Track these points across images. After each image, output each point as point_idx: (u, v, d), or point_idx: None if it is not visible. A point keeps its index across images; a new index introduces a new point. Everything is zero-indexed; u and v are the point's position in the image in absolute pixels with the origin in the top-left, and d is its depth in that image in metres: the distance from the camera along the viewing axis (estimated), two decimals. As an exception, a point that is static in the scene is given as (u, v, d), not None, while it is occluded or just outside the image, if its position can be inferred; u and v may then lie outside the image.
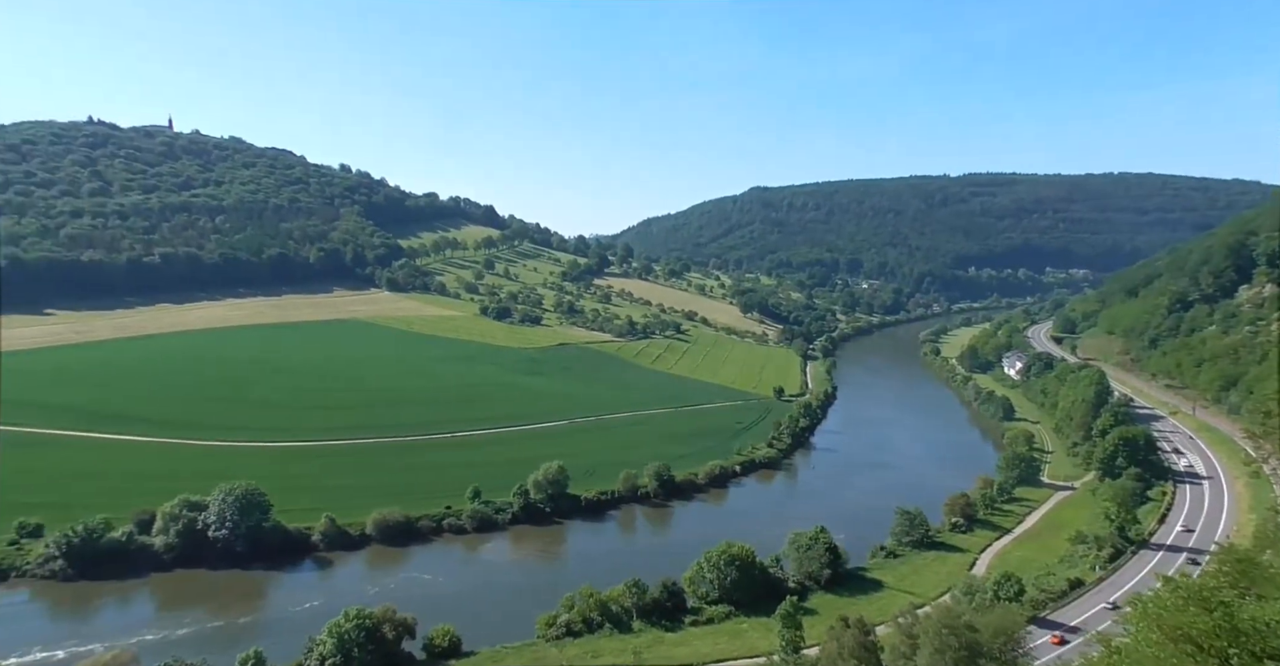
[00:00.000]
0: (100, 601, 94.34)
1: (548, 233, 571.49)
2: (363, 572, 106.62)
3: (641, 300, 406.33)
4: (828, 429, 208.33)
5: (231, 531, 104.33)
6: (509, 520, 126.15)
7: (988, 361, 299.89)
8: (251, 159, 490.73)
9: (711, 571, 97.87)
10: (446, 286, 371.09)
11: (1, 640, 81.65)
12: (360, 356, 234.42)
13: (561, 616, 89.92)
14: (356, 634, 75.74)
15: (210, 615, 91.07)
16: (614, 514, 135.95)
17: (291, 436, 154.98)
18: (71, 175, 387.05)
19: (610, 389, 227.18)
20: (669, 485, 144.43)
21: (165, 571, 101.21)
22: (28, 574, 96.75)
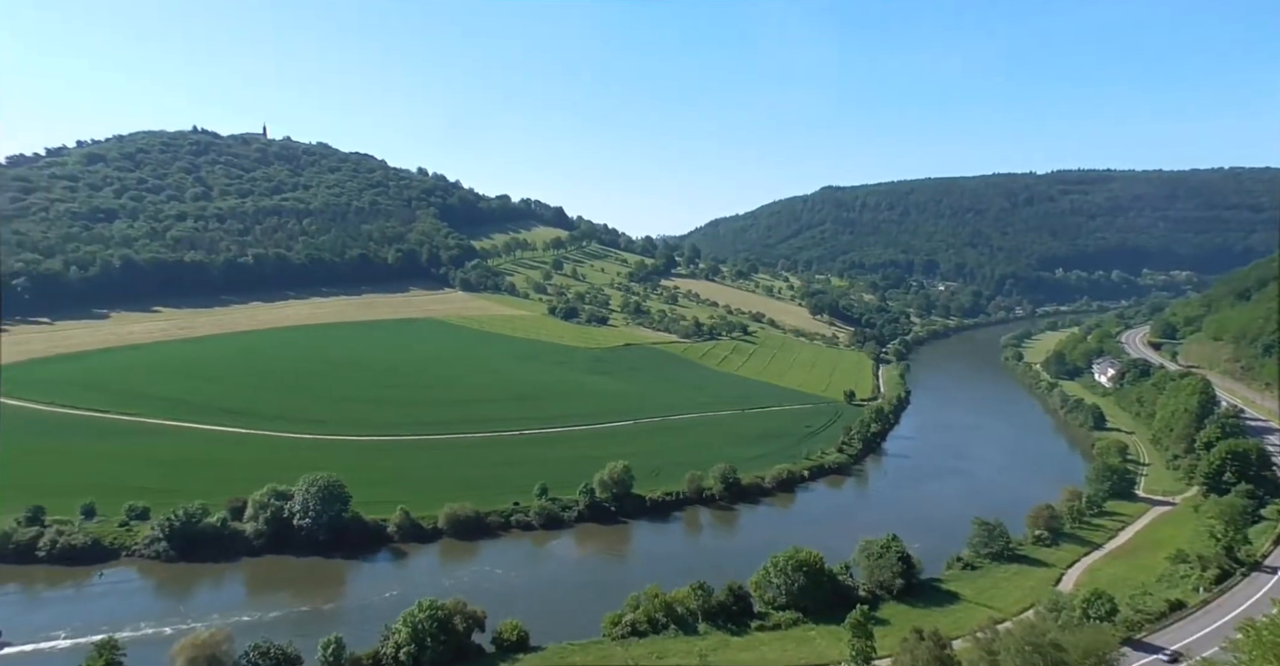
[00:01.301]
0: (198, 582, 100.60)
1: (615, 233, 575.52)
2: (435, 564, 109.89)
3: (708, 301, 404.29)
4: (901, 434, 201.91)
5: (314, 520, 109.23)
6: (575, 518, 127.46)
7: (1076, 367, 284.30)
8: (336, 163, 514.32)
9: (778, 576, 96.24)
10: (516, 286, 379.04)
11: (114, 614, 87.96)
12: (434, 354, 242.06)
13: (627, 616, 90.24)
14: (430, 624, 78.07)
15: (296, 600, 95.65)
16: (679, 515, 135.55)
17: (369, 430, 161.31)
18: (178, 181, 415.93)
19: (676, 390, 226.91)
20: (735, 488, 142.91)
21: (255, 556, 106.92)
22: (135, 553, 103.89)
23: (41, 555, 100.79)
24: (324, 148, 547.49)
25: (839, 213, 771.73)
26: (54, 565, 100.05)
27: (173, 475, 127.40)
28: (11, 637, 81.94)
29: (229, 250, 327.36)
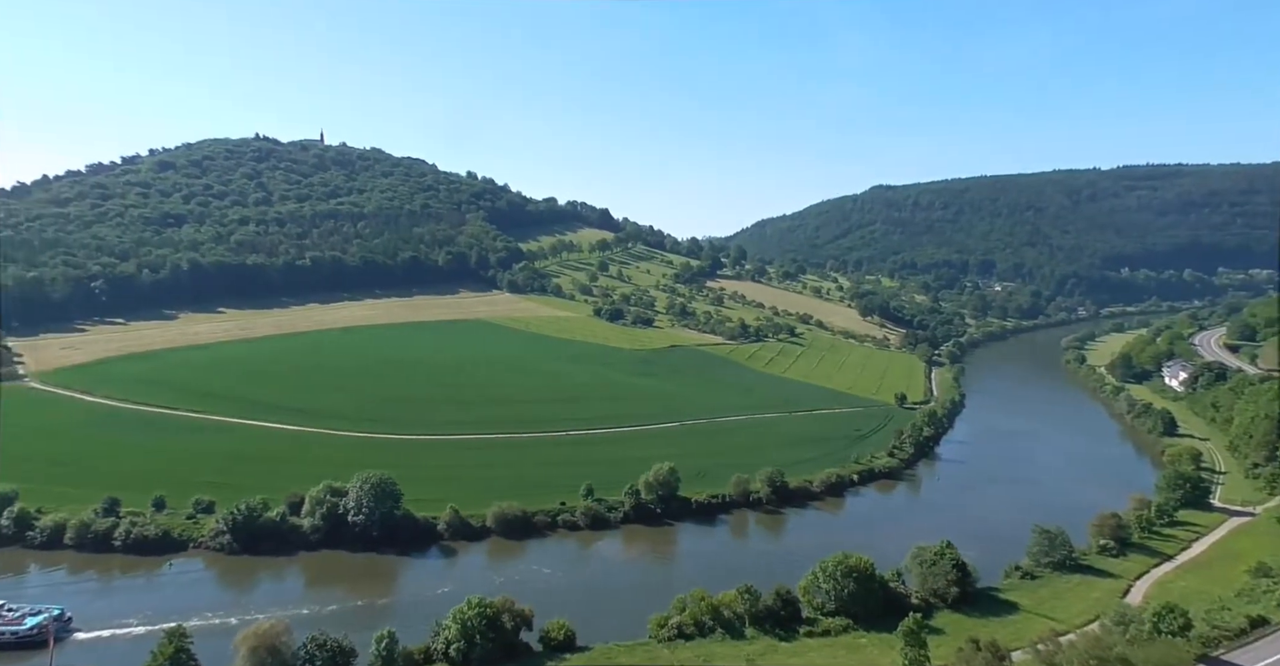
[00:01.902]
0: (259, 575, 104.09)
1: (661, 235, 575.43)
2: (484, 562, 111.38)
3: (754, 302, 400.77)
4: (954, 439, 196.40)
5: (368, 517, 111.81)
6: (621, 519, 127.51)
7: (1144, 371, 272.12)
8: (389, 168, 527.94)
9: (827, 581, 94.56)
10: (562, 288, 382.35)
11: (183, 603, 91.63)
12: (482, 355, 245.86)
13: (673, 618, 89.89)
14: (478, 621, 79.15)
15: (351, 595, 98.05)
16: (725, 518, 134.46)
17: (418, 429, 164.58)
18: (241, 186, 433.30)
19: (721, 391, 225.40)
20: (782, 491, 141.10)
21: (312, 551, 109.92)
22: (202, 545, 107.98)
23: (117, 545, 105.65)
24: (378, 153, 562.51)
25: (889, 212, 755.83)
26: (128, 554, 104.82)
27: (235, 470, 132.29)
28: (90, 624, 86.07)
29: (288, 253, 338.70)
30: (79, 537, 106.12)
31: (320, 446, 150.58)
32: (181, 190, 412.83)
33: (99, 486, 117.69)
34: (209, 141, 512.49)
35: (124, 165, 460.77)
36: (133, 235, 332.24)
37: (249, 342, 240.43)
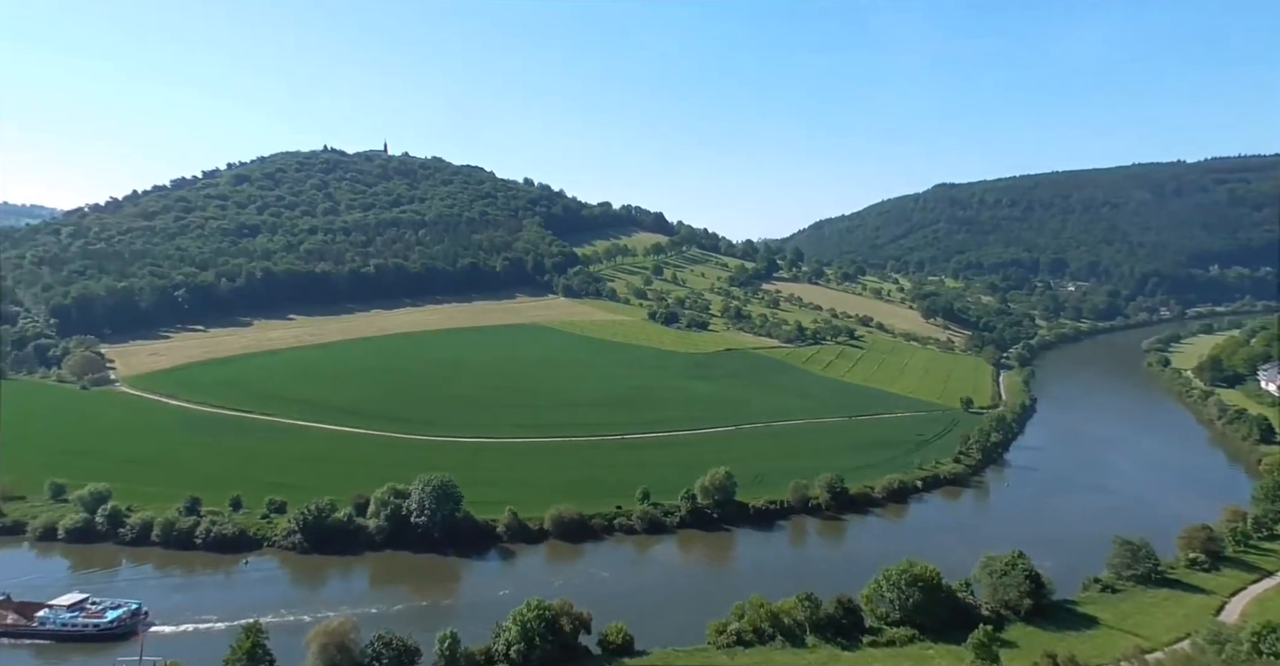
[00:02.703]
0: (328, 573, 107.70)
1: (715, 237, 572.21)
2: (542, 565, 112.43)
3: (812, 305, 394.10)
4: (1025, 444, 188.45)
5: (430, 518, 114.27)
6: (677, 523, 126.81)
7: (1236, 374, 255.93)
8: (449, 176, 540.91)
9: (891, 590, 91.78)
10: (617, 292, 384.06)
11: (258, 600, 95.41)
12: (539, 359, 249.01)
13: (732, 624, 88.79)
14: (538, 624, 79.91)
15: (415, 594, 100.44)
16: (783, 524, 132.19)
17: (477, 432, 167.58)
18: (310, 197, 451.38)
19: (778, 395, 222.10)
20: (842, 497, 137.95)
21: (377, 551, 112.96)
22: (275, 544, 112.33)
23: (199, 542, 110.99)
24: (438, 162, 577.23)
25: (953, 211, 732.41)
26: (209, 552, 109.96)
27: (304, 471, 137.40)
28: (171, 618, 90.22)
29: (353, 261, 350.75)
30: (164, 535, 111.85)
31: (383, 448, 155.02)
32: (256, 202, 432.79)
33: (182, 485, 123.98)
34: (281, 154, 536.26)
35: (204, 179, 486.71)
36: (212, 245, 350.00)
37: (318, 348, 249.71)
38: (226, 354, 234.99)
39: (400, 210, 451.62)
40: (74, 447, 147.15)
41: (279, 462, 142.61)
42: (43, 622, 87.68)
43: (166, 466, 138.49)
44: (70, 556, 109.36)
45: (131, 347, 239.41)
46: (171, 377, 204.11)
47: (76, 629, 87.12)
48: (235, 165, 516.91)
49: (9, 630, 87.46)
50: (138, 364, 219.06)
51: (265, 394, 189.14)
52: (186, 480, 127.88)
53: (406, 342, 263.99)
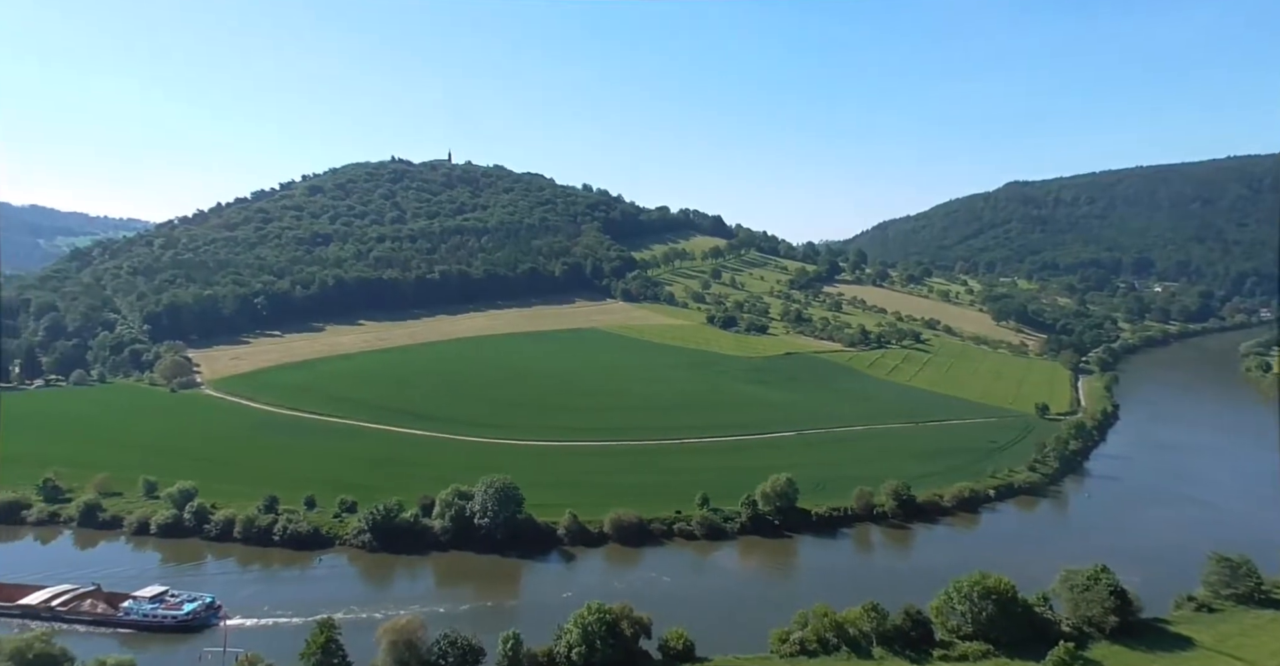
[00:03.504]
0: (396, 572, 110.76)
1: (775, 240, 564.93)
2: (602, 568, 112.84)
3: (876, 308, 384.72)
4: (1107, 453, 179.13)
5: (492, 520, 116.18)
6: (737, 529, 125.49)
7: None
8: (510, 184, 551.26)
9: (962, 603, 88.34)
10: (675, 296, 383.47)
11: (331, 596, 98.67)
12: (597, 363, 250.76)
13: (795, 633, 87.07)
14: (599, 627, 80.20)
15: (479, 595, 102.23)
16: (847, 532, 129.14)
17: (538, 435, 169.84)
18: (378, 206, 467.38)
19: (841, 400, 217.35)
20: (909, 505, 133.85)
21: (442, 551, 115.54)
22: (346, 542, 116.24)
23: (276, 539, 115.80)
24: (499, 170, 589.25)
25: (1026, 209, 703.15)
26: (285, 549, 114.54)
27: (373, 472, 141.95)
28: (248, 611, 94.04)
29: (419, 267, 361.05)
30: (245, 531, 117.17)
31: (447, 450, 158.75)
32: (328, 212, 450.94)
33: (259, 484, 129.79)
34: (352, 165, 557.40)
35: (281, 191, 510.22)
36: (288, 254, 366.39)
37: (385, 352, 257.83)
38: (300, 358, 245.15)
39: (464, 218, 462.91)
40: (164, 447, 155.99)
41: (349, 463, 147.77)
42: (126, 612, 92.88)
43: (246, 466, 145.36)
44: (161, 550, 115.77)
45: (215, 352, 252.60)
46: (250, 381, 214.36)
47: (156, 620, 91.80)
48: (309, 176, 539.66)
49: (97, 618, 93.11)
50: (220, 368, 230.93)
51: (336, 397, 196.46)
52: (264, 479, 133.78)
53: (469, 347, 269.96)
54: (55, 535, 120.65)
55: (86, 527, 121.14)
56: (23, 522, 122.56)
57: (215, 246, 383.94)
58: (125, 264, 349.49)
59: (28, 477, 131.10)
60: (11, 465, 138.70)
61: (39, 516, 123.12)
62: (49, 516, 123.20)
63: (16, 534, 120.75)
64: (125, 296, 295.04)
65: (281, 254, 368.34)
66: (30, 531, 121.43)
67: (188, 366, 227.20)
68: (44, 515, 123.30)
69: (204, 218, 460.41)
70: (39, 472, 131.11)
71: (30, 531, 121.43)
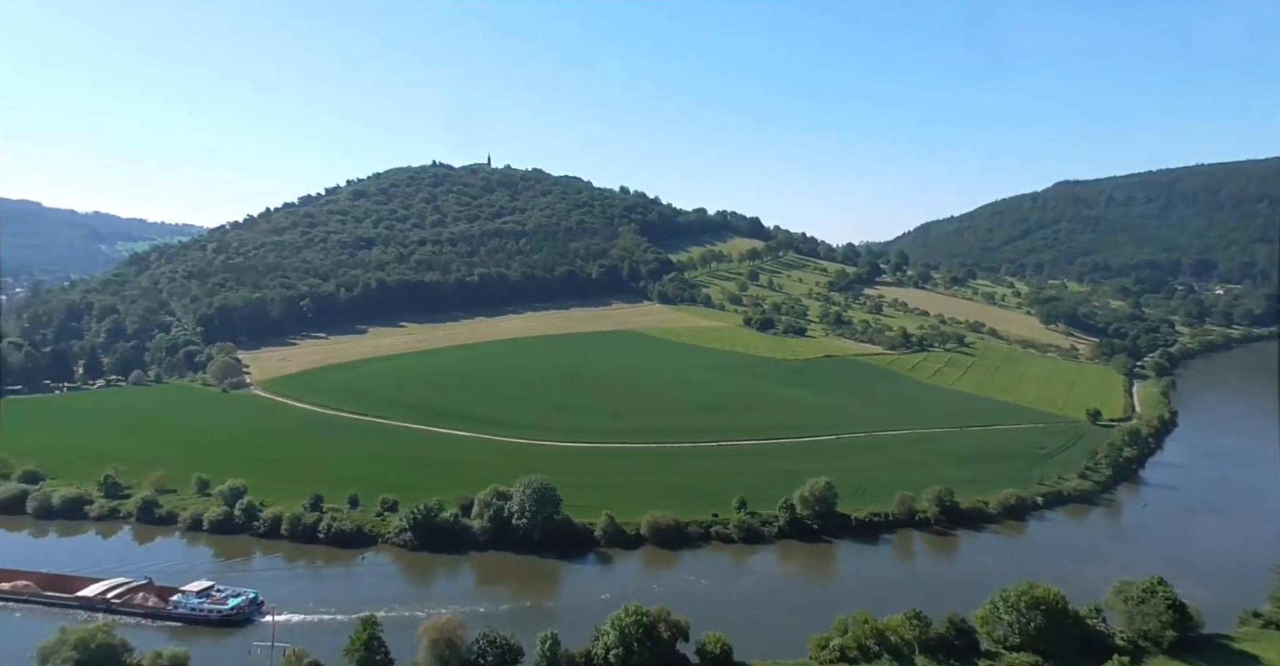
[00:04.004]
0: (436, 571, 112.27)
1: (814, 242, 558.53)
2: (639, 570, 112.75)
3: (918, 310, 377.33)
4: (1164, 461, 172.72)
5: (530, 521, 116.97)
6: (775, 533, 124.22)
7: None
8: (548, 187, 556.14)
9: (1009, 612, 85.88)
10: (711, 298, 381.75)
11: (374, 594, 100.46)
12: (634, 365, 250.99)
13: (834, 640, 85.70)
14: (635, 629, 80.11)
15: (517, 595, 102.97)
16: (888, 537, 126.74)
17: (574, 437, 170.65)
18: (420, 210, 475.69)
19: (881, 404, 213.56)
20: (952, 511, 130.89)
21: (481, 551, 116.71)
22: (388, 541, 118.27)
23: (321, 537, 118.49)
24: (538, 173, 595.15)
25: (1077, 209, 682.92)
26: (329, 546, 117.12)
27: (413, 472, 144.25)
28: (300, 608, 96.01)
29: (459, 270, 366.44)
30: (292, 529, 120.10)
31: (485, 451, 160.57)
32: (371, 216, 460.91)
33: (305, 483, 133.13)
34: (394, 170, 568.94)
35: (327, 196, 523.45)
36: (333, 258, 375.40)
37: (426, 354, 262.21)
38: (344, 360, 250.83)
39: (502, 221, 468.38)
40: (215, 445, 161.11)
41: (390, 463, 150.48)
42: (175, 606, 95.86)
43: (292, 464, 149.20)
44: (213, 545, 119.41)
45: (263, 354, 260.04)
46: (296, 382, 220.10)
47: (202, 614, 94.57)
48: (353, 181, 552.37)
49: (148, 611, 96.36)
50: (268, 369, 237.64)
51: (378, 397, 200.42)
52: (309, 477, 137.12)
53: (507, 349, 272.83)
54: (115, 530, 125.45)
55: (144, 523, 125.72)
56: (85, 518, 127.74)
57: (264, 250, 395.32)
58: (180, 268, 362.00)
59: (89, 474, 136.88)
60: (76, 461, 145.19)
61: (99, 512, 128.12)
62: (109, 512, 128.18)
63: (80, 528, 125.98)
64: (180, 299, 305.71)
65: (327, 257, 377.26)
66: (92, 526, 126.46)
67: (237, 367, 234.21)
68: (104, 511, 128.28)
69: (253, 222, 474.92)
70: (100, 469, 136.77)
71: (92, 526, 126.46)
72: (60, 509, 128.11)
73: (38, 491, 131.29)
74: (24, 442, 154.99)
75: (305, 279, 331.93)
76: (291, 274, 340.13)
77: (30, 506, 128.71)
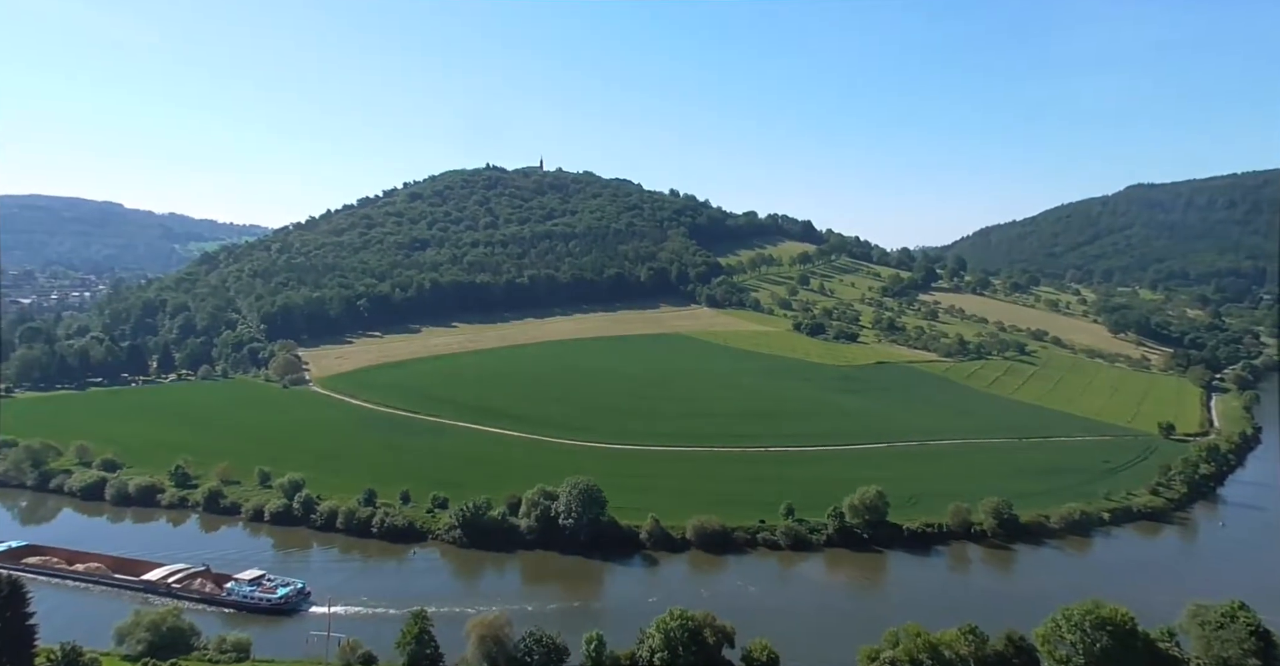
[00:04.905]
0: (484, 568, 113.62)
1: (867, 246, 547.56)
2: (685, 574, 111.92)
3: (976, 317, 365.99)
4: (1245, 479, 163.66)
5: (576, 521, 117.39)
6: (824, 541, 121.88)
7: None
8: (599, 190, 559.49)
9: (1073, 632, 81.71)
10: (760, 302, 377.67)
11: (424, 589, 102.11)
12: (681, 368, 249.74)
13: (885, 652, 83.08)
14: (681, 633, 79.34)
15: (564, 595, 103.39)
16: (941, 549, 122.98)
17: (620, 439, 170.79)
18: (473, 212, 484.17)
19: (935, 412, 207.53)
20: (1010, 524, 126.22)
21: (528, 550, 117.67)
22: (438, 537, 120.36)
23: (374, 531, 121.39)
24: (589, 176, 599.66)
25: (1150, 214, 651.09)
26: (382, 541, 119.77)
27: (463, 469, 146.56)
28: (353, 600, 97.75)
29: (509, 272, 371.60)
30: (347, 522, 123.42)
31: (533, 451, 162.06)
32: (426, 218, 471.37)
33: (360, 477, 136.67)
34: (449, 173, 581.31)
35: (384, 198, 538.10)
36: (389, 259, 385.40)
37: (476, 354, 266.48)
38: (398, 358, 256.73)
39: (553, 223, 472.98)
40: (276, 439, 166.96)
41: (440, 460, 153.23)
42: (229, 593, 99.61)
43: (347, 459, 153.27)
44: (273, 536, 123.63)
45: (321, 351, 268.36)
46: (352, 379, 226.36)
47: (253, 601, 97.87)
48: (410, 184, 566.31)
49: (204, 597, 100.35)
50: (326, 366, 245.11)
51: (430, 396, 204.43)
52: (363, 473, 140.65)
53: (556, 350, 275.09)
54: (184, 518, 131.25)
55: (210, 513, 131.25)
56: (158, 505, 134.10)
57: (324, 251, 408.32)
58: (246, 267, 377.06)
59: (162, 463, 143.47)
60: (150, 451, 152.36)
61: (170, 500, 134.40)
62: (179, 500, 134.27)
63: (152, 516, 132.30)
64: (245, 297, 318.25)
65: (383, 258, 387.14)
66: (164, 514, 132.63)
67: (297, 364, 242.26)
68: (175, 499, 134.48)
69: (315, 224, 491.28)
70: (171, 459, 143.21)
71: (164, 514, 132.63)
72: (136, 496, 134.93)
73: (115, 479, 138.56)
74: (105, 432, 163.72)
75: (362, 279, 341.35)
76: (349, 274, 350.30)
77: (108, 493, 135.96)
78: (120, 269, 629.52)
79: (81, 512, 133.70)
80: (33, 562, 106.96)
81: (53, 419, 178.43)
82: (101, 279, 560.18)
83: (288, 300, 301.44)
